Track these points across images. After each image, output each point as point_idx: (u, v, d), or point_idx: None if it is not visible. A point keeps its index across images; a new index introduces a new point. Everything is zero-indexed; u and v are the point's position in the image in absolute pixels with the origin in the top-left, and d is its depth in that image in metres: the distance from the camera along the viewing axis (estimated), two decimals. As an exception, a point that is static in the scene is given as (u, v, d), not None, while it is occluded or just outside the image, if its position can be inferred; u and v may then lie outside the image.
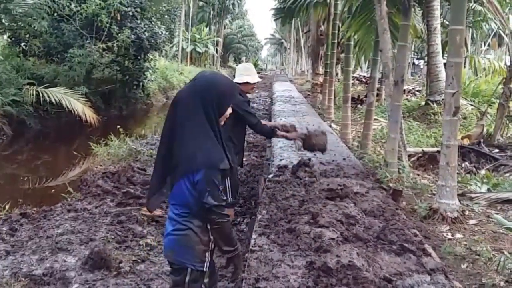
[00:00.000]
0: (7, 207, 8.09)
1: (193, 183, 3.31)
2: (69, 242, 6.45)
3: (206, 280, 3.59)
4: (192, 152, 3.31)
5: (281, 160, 9.35)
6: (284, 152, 10.06)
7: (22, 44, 21.55)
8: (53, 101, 17.69)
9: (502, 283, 5.64)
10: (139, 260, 6.17)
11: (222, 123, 3.49)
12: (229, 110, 3.47)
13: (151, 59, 27.26)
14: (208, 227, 3.45)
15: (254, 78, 7.07)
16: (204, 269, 3.53)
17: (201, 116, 3.34)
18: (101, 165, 10.95)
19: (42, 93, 17.63)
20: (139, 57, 25.52)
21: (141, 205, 7.77)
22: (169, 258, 3.63)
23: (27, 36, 21.21)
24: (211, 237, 3.51)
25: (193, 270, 3.49)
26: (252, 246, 5.17)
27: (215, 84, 3.47)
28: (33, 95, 17.55)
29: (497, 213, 8.14)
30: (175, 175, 3.45)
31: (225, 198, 3.45)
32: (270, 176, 8.14)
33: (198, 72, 3.67)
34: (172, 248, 3.55)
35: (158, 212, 7.57)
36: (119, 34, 21.95)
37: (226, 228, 3.46)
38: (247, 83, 6.93)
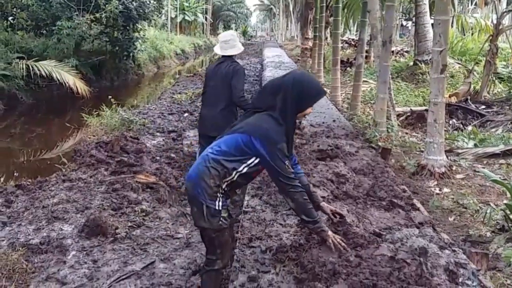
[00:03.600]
0: (2, 179, 8.12)
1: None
2: (65, 211, 6.50)
3: (225, 215, 3.79)
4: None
5: (272, 124, 9.41)
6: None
7: (10, 18, 21.33)
8: (44, 74, 17.61)
9: (488, 234, 5.78)
10: (134, 226, 6.24)
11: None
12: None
13: (140, 29, 26.99)
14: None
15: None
16: (216, 207, 3.73)
17: None
18: (94, 136, 10.96)
19: (32, 67, 17.53)
20: (128, 28, 25.29)
21: (135, 173, 7.84)
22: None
23: (14, 9, 21.05)
24: (222, 185, 3.77)
25: (208, 206, 3.73)
26: (245, 208, 5.29)
27: None
28: (23, 68, 17.45)
29: (483, 167, 8.27)
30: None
31: None
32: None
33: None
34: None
35: (152, 178, 7.66)
36: (107, 5, 21.71)
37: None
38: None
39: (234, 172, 3.72)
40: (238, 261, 4.03)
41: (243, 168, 3.72)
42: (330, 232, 3.90)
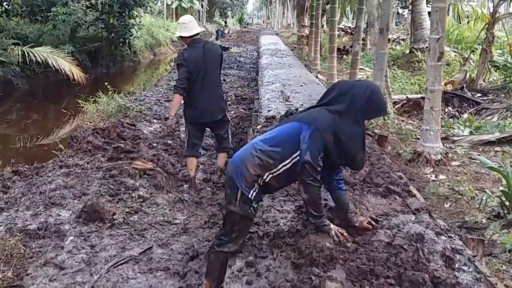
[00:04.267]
0: (-1, 165, 8.16)
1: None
2: (62, 197, 6.51)
3: (255, 206, 3.90)
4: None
5: (269, 111, 9.45)
6: (272, 104, 10.15)
7: (5, 3, 21.22)
8: (39, 60, 17.57)
9: (484, 220, 5.83)
10: (132, 212, 6.26)
11: None
12: None
13: (136, 15, 26.94)
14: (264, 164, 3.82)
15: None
16: (249, 196, 3.80)
17: None
18: (90, 122, 10.96)
19: (27, 53, 17.48)
20: (123, 14, 25.26)
21: (132, 159, 7.84)
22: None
23: (9, -6, 20.97)
24: (263, 176, 3.84)
25: (242, 193, 3.81)
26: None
27: None
28: (18, 55, 17.39)
29: (479, 155, 8.31)
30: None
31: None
32: (259, 127, 8.24)
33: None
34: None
35: (149, 165, 7.67)
36: (102, -9, 21.70)
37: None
38: None
39: (281, 165, 3.78)
40: (236, 246, 4.07)
41: (290, 161, 3.77)
42: (332, 225, 3.93)
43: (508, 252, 4.82)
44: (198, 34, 7.19)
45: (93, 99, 12.50)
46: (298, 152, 3.72)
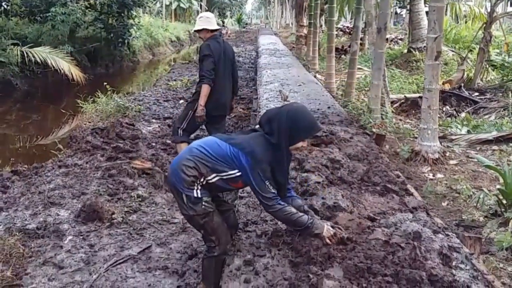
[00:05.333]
0: (-2, 165, 8.16)
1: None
2: (61, 196, 6.54)
3: (208, 199, 3.85)
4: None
5: (267, 110, 9.44)
6: (271, 103, 10.14)
7: (4, 3, 21.21)
8: (39, 60, 17.55)
9: (481, 218, 5.85)
10: (131, 211, 6.28)
11: None
12: None
13: (135, 16, 26.93)
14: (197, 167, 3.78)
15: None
16: (195, 195, 3.77)
17: None
18: (89, 122, 10.95)
19: (26, 53, 17.47)
20: (122, 14, 25.23)
21: (131, 159, 7.86)
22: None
23: (8, -6, 20.96)
24: (200, 178, 3.79)
25: (187, 195, 3.79)
26: (240, 193, 5.32)
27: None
28: (17, 55, 17.39)
29: (476, 153, 8.34)
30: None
31: None
32: (257, 126, 8.24)
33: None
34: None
35: (148, 164, 7.68)
36: (101, -9, 21.69)
37: None
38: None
39: (214, 175, 3.78)
40: (234, 245, 4.07)
41: (224, 175, 3.79)
42: (325, 229, 3.89)
43: (505, 250, 4.85)
44: (217, 30, 7.36)
45: (92, 99, 12.49)
46: (237, 171, 3.77)
